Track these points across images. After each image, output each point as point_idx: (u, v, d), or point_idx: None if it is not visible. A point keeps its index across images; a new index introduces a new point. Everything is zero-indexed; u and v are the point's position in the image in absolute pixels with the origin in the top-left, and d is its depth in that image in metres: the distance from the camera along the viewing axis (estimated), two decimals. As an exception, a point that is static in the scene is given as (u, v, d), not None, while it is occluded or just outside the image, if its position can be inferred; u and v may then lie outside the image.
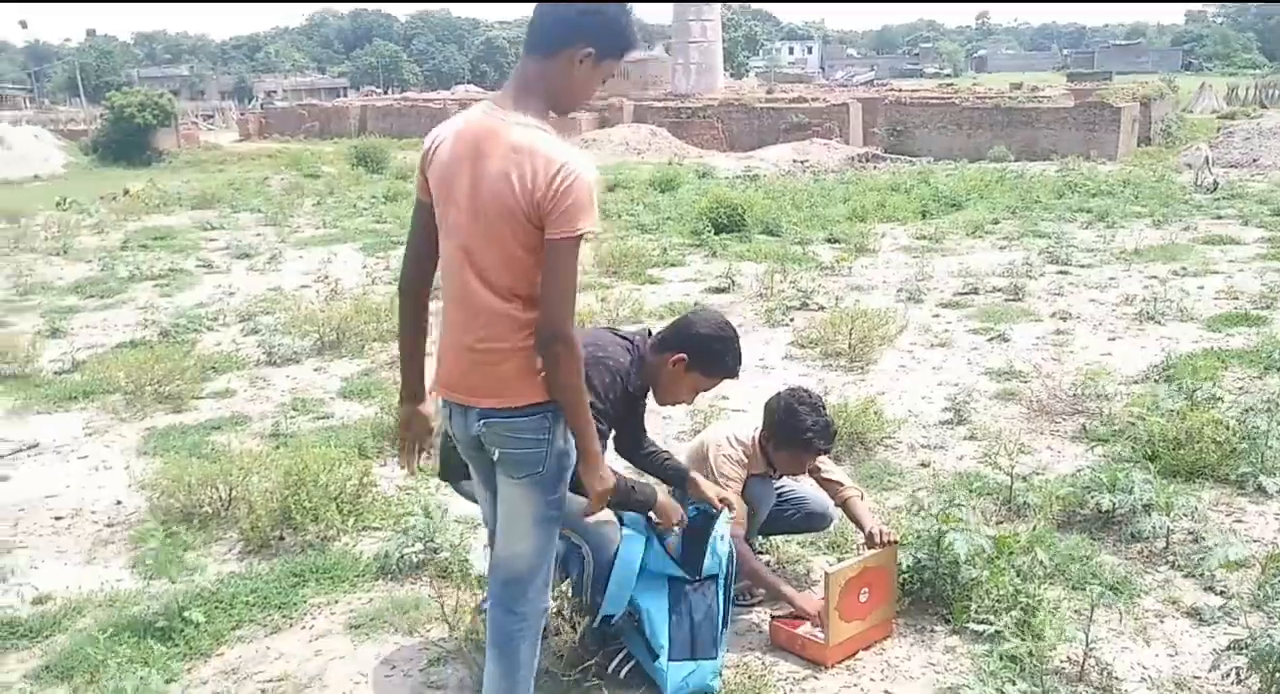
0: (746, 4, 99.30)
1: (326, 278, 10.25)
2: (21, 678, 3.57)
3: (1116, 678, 3.28)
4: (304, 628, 3.88)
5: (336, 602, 4.06)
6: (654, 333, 3.43)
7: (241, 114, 62.59)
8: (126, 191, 18.52)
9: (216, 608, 3.94)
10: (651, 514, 3.29)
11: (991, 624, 3.27)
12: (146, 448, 5.79)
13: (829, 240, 12.83)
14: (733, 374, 3.39)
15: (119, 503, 5.06)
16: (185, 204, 17.78)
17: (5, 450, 5.82)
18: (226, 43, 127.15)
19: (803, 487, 4.12)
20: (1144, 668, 3.36)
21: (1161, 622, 3.66)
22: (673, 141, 27.33)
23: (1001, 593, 3.54)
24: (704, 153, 27.07)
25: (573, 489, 2.83)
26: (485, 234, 2.56)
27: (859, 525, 3.86)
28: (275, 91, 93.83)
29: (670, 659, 3.29)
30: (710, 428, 4.53)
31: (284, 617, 3.96)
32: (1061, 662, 3.36)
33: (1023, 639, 3.10)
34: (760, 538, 4.28)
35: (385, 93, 79.62)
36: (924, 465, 5.27)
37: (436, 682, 3.48)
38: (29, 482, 5.41)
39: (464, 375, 2.69)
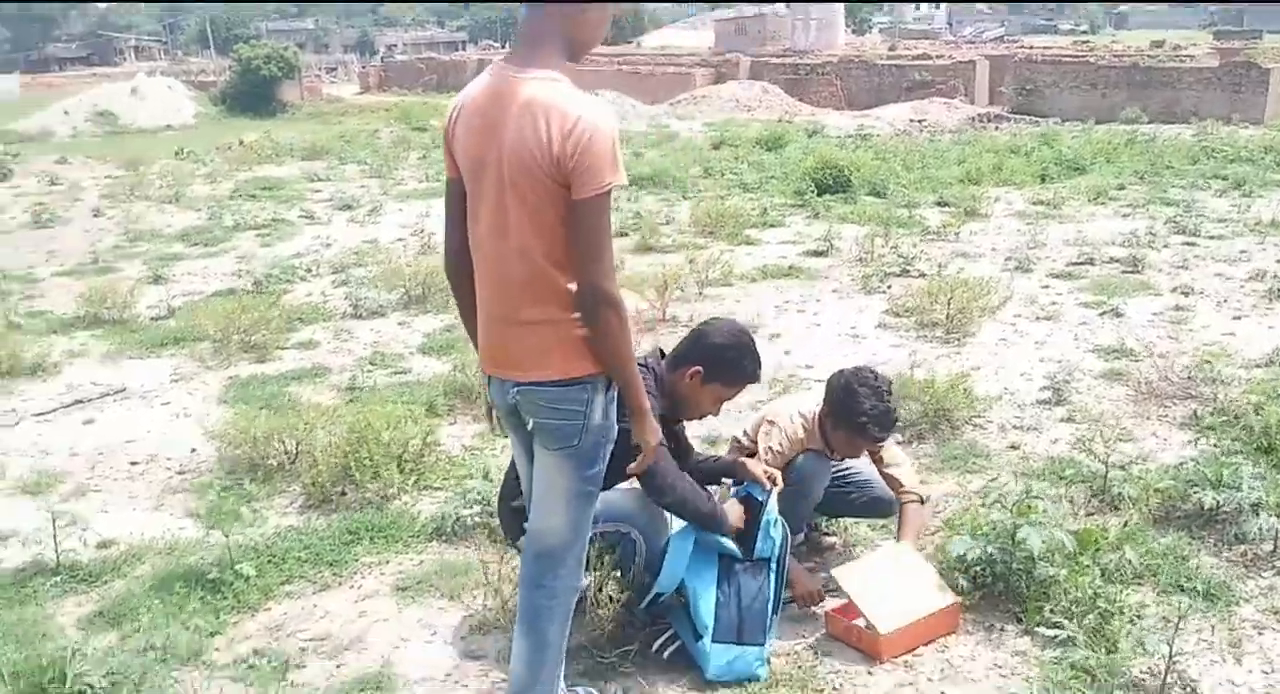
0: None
1: (421, 231, 10.29)
2: (74, 622, 3.61)
3: (1202, 695, 2.98)
4: (352, 587, 3.84)
5: (388, 562, 4.01)
6: (667, 352, 3.36)
7: (362, 67, 63.85)
8: (241, 142, 18.99)
9: (269, 562, 3.93)
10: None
11: (1063, 629, 3.00)
12: (226, 397, 5.86)
13: (938, 204, 12.31)
14: (753, 379, 3.31)
15: (193, 451, 5.11)
16: (296, 155, 18.13)
17: (94, 394, 5.96)
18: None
19: (869, 469, 3.88)
20: (1234, 685, 3.05)
21: (1260, 634, 3.32)
22: (784, 99, 26.72)
23: (1080, 594, 3.26)
24: (816, 111, 26.39)
25: (609, 479, 2.78)
26: (513, 201, 2.46)
27: (898, 534, 3.64)
28: (396, 45, 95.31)
29: (714, 640, 3.13)
30: (779, 400, 4.32)
31: (334, 574, 3.92)
32: (1141, 674, 3.08)
33: (1095, 648, 2.83)
34: (825, 519, 4.07)
35: (502, 47, 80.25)
36: (1013, 448, 4.95)
37: (476, 651, 3.39)
38: (112, 425, 5.52)
39: (501, 349, 2.63)
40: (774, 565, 3.20)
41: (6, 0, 27.03)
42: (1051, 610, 3.25)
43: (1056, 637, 3.00)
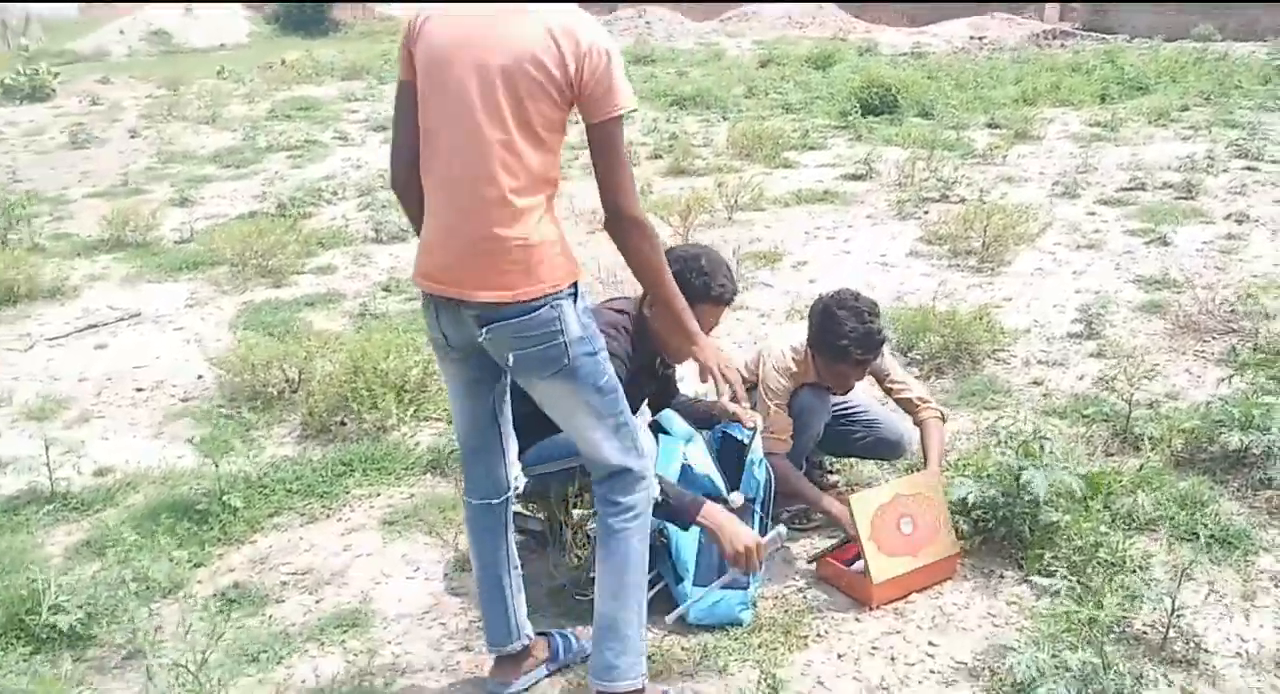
0: None
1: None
2: (62, 551, 3.60)
3: (1205, 650, 2.81)
4: (340, 521, 3.79)
5: (378, 495, 3.95)
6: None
7: (415, -16, 62.65)
8: (283, 61, 18.80)
9: (259, 494, 3.88)
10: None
11: (1057, 578, 2.83)
12: (238, 323, 5.81)
13: (989, 125, 11.84)
14: (726, 297, 3.11)
15: (199, 378, 5.08)
16: (336, 74, 17.94)
17: (109, 318, 5.95)
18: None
19: (877, 408, 3.70)
20: (1242, 641, 2.88)
21: (1277, 587, 3.13)
22: (838, 15, 25.81)
23: (1083, 542, 3.08)
24: (871, 28, 25.46)
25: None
26: (506, 116, 2.30)
27: (924, 456, 3.45)
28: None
29: (695, 584, 3.03)
30: (773, 337, 4.15)
31: (323, 507, 3.87)
32: (1143, 627, 2.92)
33: (1089, 600, 2.66)
34: (831, 458, 3.92)
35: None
36: (1036, 383, 4.73)
37: (457, 588, 3.32)
38: (123, 351, 5.51)
39: (464, 268, 2.39)
40: (758, 507, 3.07)
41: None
42: (1053, 558, 3.08)
43: (1051, 587, 2.83)
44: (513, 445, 2.76)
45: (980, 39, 23.58)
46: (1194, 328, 5.26)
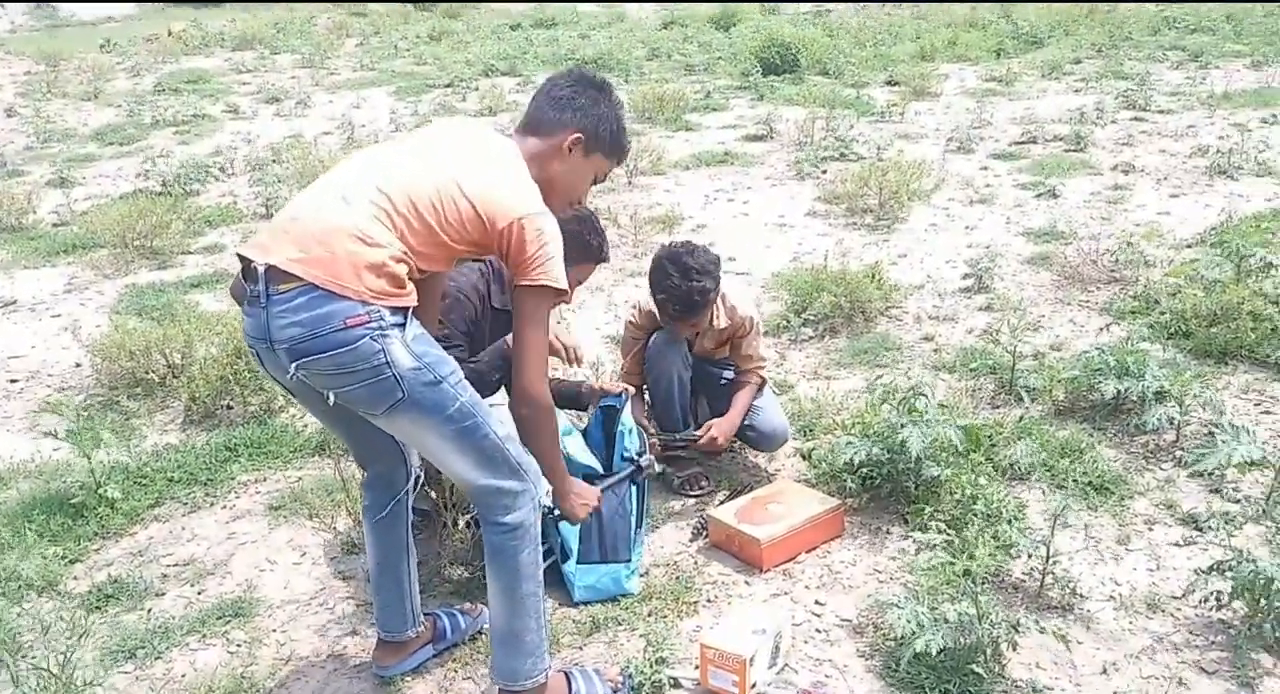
0: None
1: (348, 124, 9.90)
2: (-72, 555, 3.44)
3: (1080, 595, 2.89)
4: (224, 508, 3.69)
5: (264, 479, 3.85)
6: None
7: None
8: (169, 32, 18.12)
9: (137, 484, 3.76)
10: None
11: (933, 531, 2.87)
12: (119, 307, 5.60)
13: (888, 83, 11.96)
14: (599, 257, 3.17)
15: (77, 366, 4.89)
16: (226, 45, 17.35)
17: (-19, 307, 5.69)
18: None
19: (765, 400, 3.70)
20: (1116, 584, 2.96)
21: (1150, 529, 3.23)
22: (741, -26, 25.69)
23: (961, 495, 3.13)
24: (776, -14, 25.44)
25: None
26: (434, 186, 2.28)
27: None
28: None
29: (579, 562, 3.01)
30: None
31: (206, 495, 3.76)
32: (1021, 575, 2.99)
33: (959, 554, 2.70)
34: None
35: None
36: (927, 339, 4.80)
37: (344, 571, 3.26)
38: (-4, 340, 5.28)
39: (271, 242, 2.22)
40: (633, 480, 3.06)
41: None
42: (934, 512, 3.13)
43: (929, 541, 2.87)
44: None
45: (883, -5, 23.74)
46: (1078, 279, 5.39)
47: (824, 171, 7.90)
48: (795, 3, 20.10)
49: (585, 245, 3.03)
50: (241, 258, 2.25)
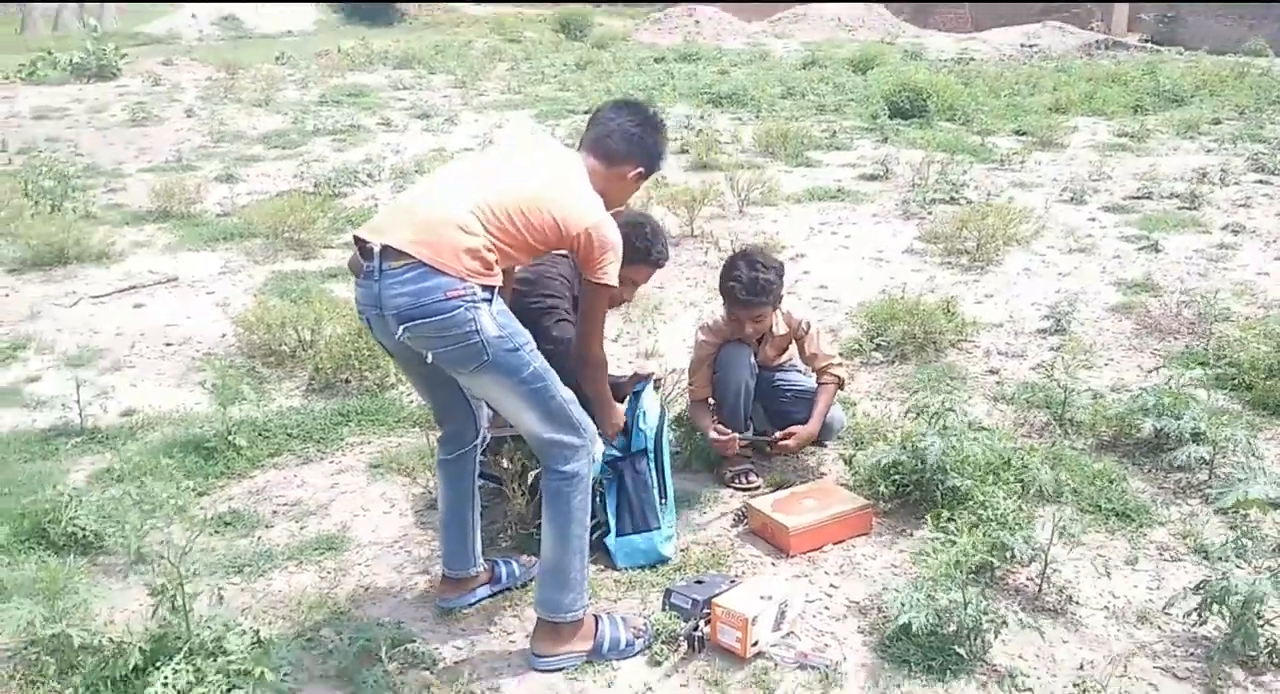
0: None
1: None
2: (86, 476, 4.07)
3: (1076, 602, 3.13)
4: (331, 462, 4.22)
5: (369, 442, 4.38)
6: None
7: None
8: (339, 49, 19.43)
9: (261, 436, 4.33)
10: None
11: (948, 533, 3.16)
12: (264, 289, 6.28)
13: (1016, 132, 12.03)
14: (659, 260, 3.64)
15: (224, 336, 5.54)
16: (389, 63, 18.51)
17: (149, 280, 6.45)
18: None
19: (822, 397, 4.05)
20: (1113, 597, 3.18)
21: (1161, 554, 3.43)
22: (887, 19, 25.94)
23: (981, 502, 3.41)
24: (922, 33, 25.57)
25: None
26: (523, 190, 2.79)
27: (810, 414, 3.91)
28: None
29: (618, 535, 3.42)
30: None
31: (318, 450, 4.30)
32: (1026, 580, 3.24)
33: (965, 553, 2.99)
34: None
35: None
36: (992, 372, 5.04)
37: (425, 523, 3.72)
38: (158, 310, 6.00)
39: (389, 225, 2.72)
40: (651, 454, 3.45)
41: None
42: (951, 518, 3.41)
43: (943, 539, 3.16)
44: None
45: (1030, 47, 23.58)
46: (1157, 328, 5.52)
47: (930, 213, 8.13)
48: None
49: (634, 249, 3.38)
50: (358, 239, 2.76)
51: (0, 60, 18.48)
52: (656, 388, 3.69)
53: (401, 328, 2.64)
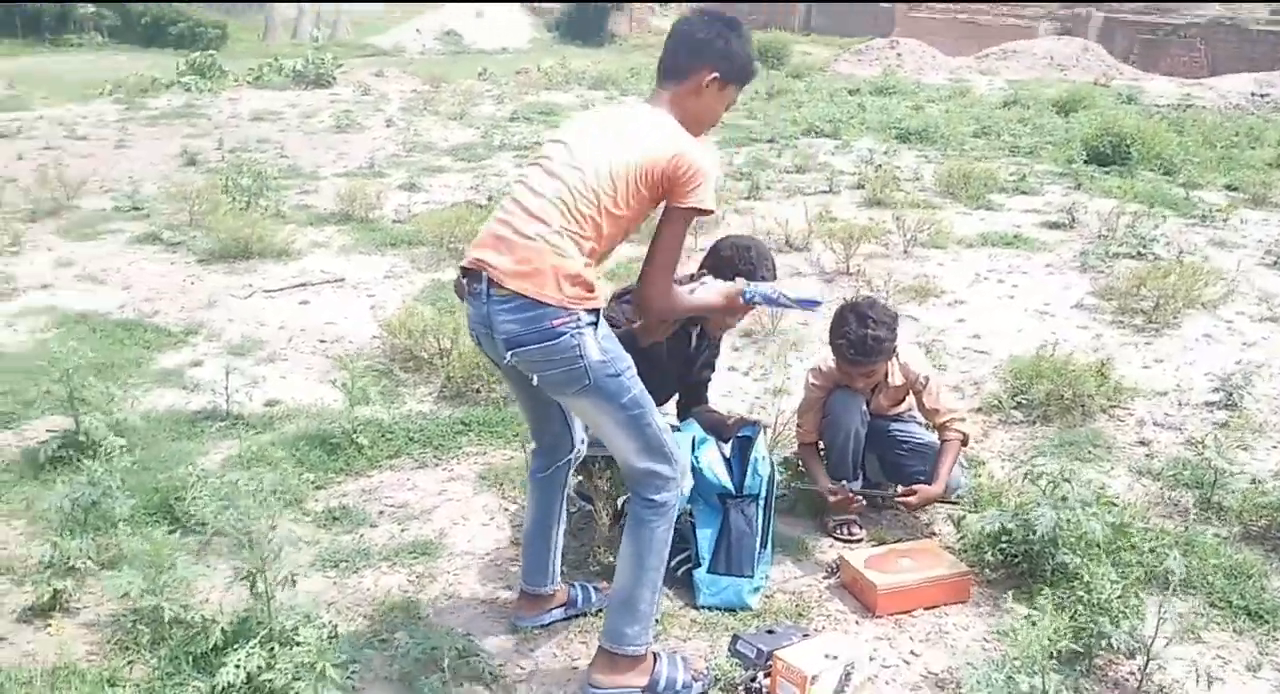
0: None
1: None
2: (221, 459, 4.32)
3: (1178, 705, 2.87)
4: (444, 469, 4.34)
5: (484, 453, 4.48)
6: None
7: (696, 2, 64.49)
8: (538, 68, 20.10)
9: (384, 437, 4.50)
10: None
11: (1046, 612, 2.94)
12: (421, 296, 6.53)
13: (1227, 187, 11.22)
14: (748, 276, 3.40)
15: (374, 338, 5.80)
16: (584, 83, 19.01)
17: (319, 279, 6.83)
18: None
19: (930, 440, 3.88)
20: (1224, 705, 2.90)
21: (1291, 664, 3.10)
22: (1104, 58, 24.71)
23: (1086, 583, 3.16)
24: (1142, 76, 24.24)
25: None
26: (602, 165, 2.71)
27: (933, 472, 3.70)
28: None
29: (708, 571, 3.35)
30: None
31: (434, 456, 4.44)
32: (1130, 673, 2.99)
33: (1057, 635, 2.77)
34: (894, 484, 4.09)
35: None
36: (1142, 443, 4.69)
37: (520, 539, 3.76)
38: (321, 308, 6.34)
39: (493, 245, 2.74)
40: (761, 502, 3.36)
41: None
42: (1057, 596, 3.18)
43: (1035, 617, 2.95)
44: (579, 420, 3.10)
45: (1263, 96, 21.98)
46: (1344, 411, 5.02)
47: (1110, 267, 7.67)
48: None
49: (738, 273, 3.29)
50: (464, 268, 2.80)
51: (238, 64, 20.09)
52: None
53: (509, 353, 2.71)
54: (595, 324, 2.71)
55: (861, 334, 3.58)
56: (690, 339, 3.71)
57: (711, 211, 2.78)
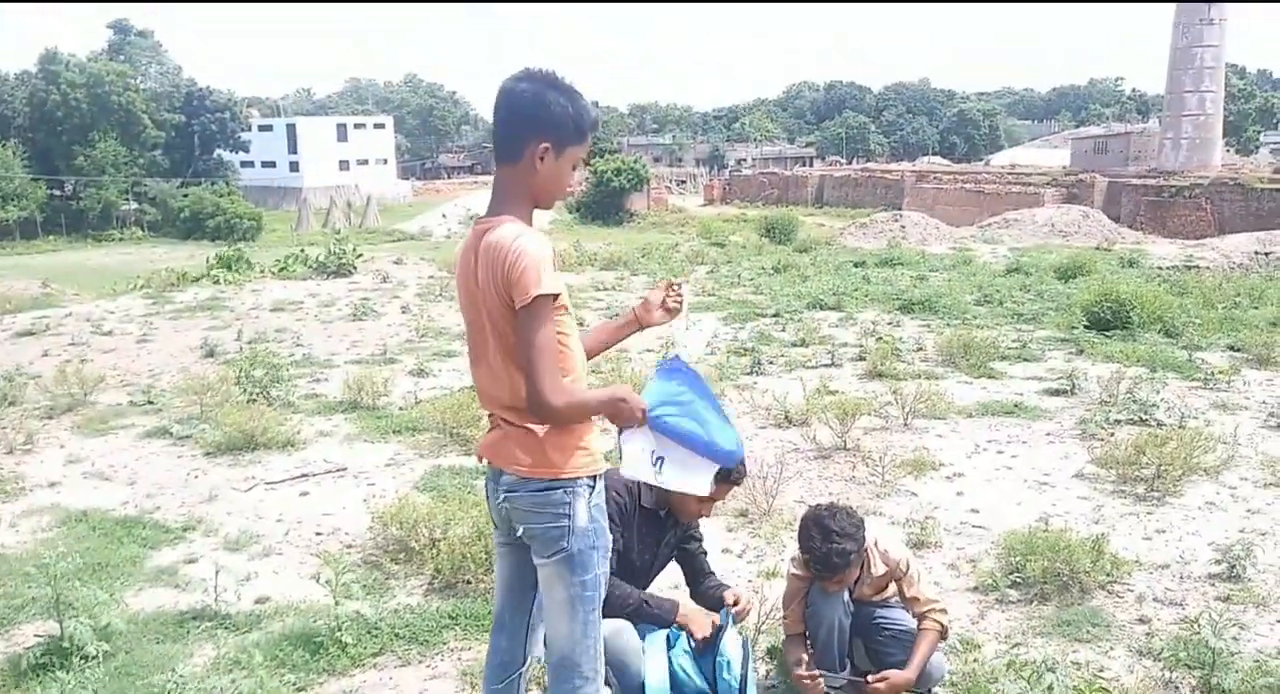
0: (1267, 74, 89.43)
1: (671, 344, 10.87)
2: (205, 662, 4.30)
3: None
4: (428, 666, 4.29)
5: (469, 648, 4.43)
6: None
7: (709, 180, 67.13)
8: (553, 250, 20.73)
9: (369, 633, 4.46)
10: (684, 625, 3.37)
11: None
12: (420, 483, 6.59)
13: (1230, 348, 11.28)
14: (735, 480, 3.68)
15: (369, 529, 5.83)
16: (596, 264, 19.57)
17: (320, 469, 6.92)
18: (709, 113, 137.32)
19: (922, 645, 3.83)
20: None
21: None
22: (1105, 224, 25.34)
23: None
24: (1144, 239, 24.77)
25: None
26: (489, 329, 2.81)
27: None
28: (745, 159, 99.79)
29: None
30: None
31: (419, 653, 4.39)
32: None
33: None
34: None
35: (849, 163, 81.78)
36: (1142, 621, 4.59)
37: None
38: (321, 499, 6.40)
39: (493, 442, 2.91)
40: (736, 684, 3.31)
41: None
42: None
43: None
44: (542, 627, 3.09)
45: (1265, 255, 22.35)
46: (1351, 582, 4.90)
47: (1112, 434, 7.66)
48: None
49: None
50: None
51: (269, 254, 20.90)
52: (738, 621, 3.60)
53: (503, 493, 2.82)
54: (592, 488, 2.81)
55: (826, 550, 3.58)
56: (660, 520, 3.75)
57: (557, 294, 2.69)
